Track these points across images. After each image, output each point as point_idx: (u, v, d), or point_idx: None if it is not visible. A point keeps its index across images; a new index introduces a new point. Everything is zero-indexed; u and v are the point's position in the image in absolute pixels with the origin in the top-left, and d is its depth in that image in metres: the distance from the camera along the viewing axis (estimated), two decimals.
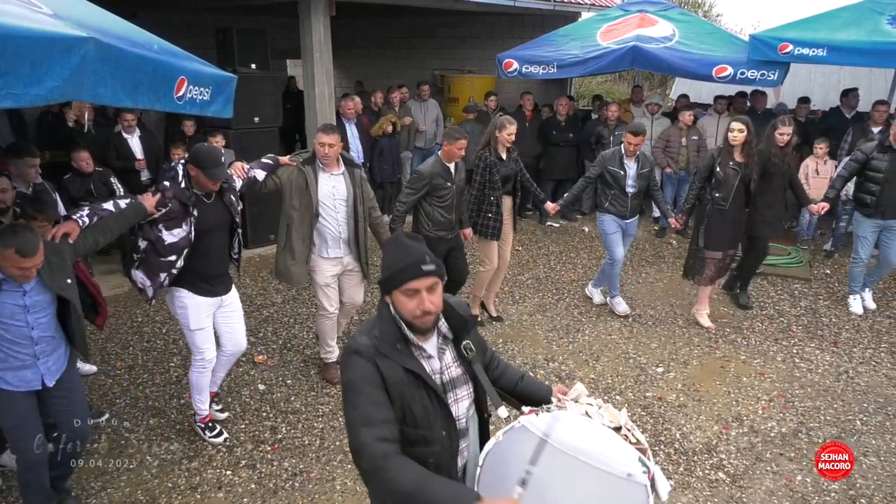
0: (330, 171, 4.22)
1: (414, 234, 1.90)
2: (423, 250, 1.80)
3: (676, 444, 3.95)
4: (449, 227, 4.91)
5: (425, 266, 1.77)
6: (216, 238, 3.65)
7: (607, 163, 5.43)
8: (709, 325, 5.55)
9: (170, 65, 3.16)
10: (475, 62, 11.22)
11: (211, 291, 3.68)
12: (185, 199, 3.44)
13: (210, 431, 3.92)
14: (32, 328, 2.87)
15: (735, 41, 7.83)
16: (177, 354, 5.00)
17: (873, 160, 5.49)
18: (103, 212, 3.25)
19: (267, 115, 7.18)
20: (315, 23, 7.11)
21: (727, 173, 5.24)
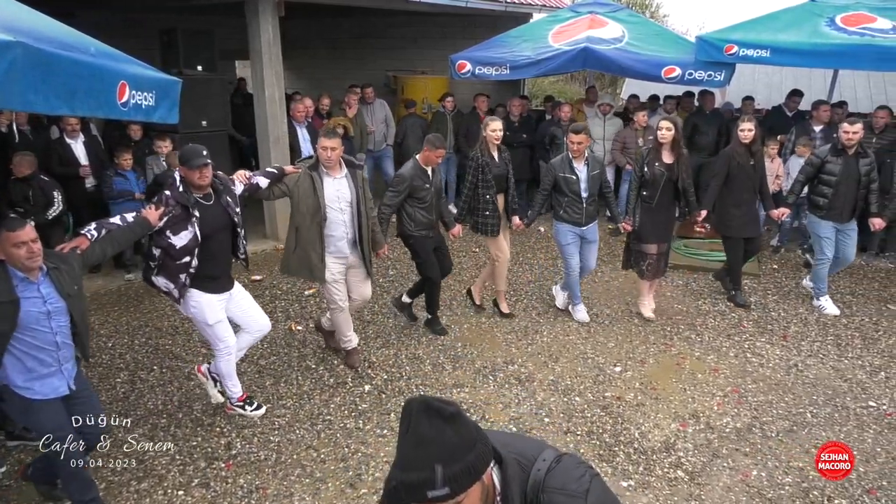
0: (333, 174, 4.37)
1: (442, 408, 1.25)
2: (438, 454, 1.22)
3: (636, 443, 3.98)
4: (430, 226, 5.11)
5: (434, 492, 1.22)
6: (219, 239, 3.83)
7: (557, 170, 5.37)
8: (649, 316, 5.68)
9: (109, 69, 3.03)
10: (428, 63, 11.17)
11: (218, 288, 3.87)
12: (185, 202, 3.61)
13: (250, 406, 4.13)
14: (56, 333, 2.98)
15: (682, 42, 8.00)
16: (123, 370, 4.80)
17: (827, 164, 5.63)
18: (111, 225, 3.41)
19: (215, 119, 6.99)
20: (263, 23, 6.96)
21: (654, 173, 5.36)
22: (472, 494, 1.26)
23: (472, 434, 1.26)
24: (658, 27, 9.08)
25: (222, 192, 3.83)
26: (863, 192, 5.61)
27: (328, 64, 12.66)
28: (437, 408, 1.24)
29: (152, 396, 4.45)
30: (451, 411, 1.25)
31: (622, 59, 7.53)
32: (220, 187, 3.82)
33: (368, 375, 4.76)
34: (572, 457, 1.43)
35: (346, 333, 4.80)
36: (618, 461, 3.81)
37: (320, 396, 4.48)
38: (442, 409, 1.24)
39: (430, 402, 1.25)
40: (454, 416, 1.25)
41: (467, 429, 1.26)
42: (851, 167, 5.55)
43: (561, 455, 1.41)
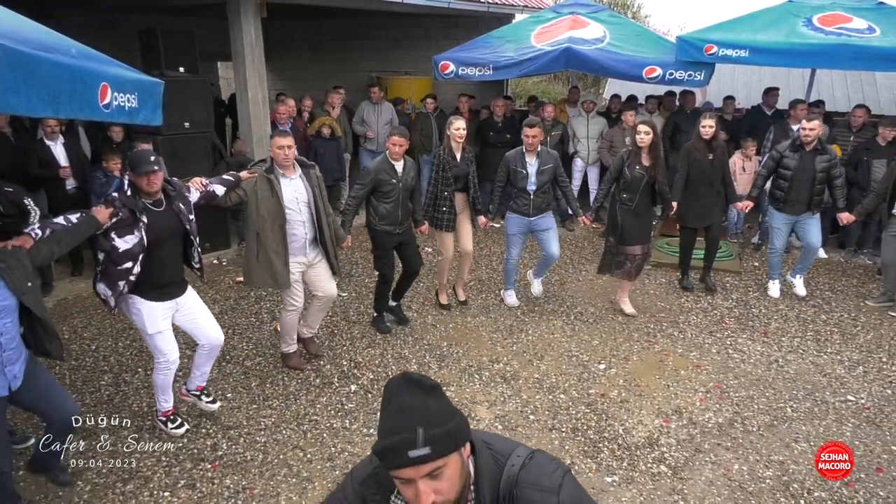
0: (289, 175, 4.36)
1: (422, 381, 1.32)
2: (419, 419, 1.27)
3: (619, 439, 4.03)
4: (395, 222, 5.11)
5: (414, 452, 1.25)
6: (168, 246, 3.70)
7: (510, 163, 5.53)
8: (631, 312, 5.80)
9: (90, 70, 3.01)
10: (411, 63, 11.18)
11: (163, 296, 3.73)
12: (133, 206, 3.52)
13: (171, 423, 4.00)
14: (0, 334, 2.91)
15: (663, 43, 8.08)
16: (107, 372, 4.78)
17: (785, 158, 5.89)
18: (55, 225, 3.33)
19: (197, 120, 6.93)
20: (245, 25, 6.94)
21: (634, 176, 5.46)
22: (452, 465, 1.29)
23: (450, 407, 1.32)
24: (639, 28, 9.16)
25: (175, 198, 3.73)
26: (819, 187, 5.82)
27: (312, 65, 12.63)
28: (416, 380, 1.31)
29: (137, 398, 4.43)
30: (430, 384, 1.32)
31: (604, 60, 7.59)
32: (173, 193, 3.73)
33: (355, 375, 4.77)
34: (545, 454, 1.46)
35: (292, 335, 4.80)
36: (602, 457, 3.85)
37: (306, 397, 4.48)
38: (422, 382, 1.31)
39: (410, 376, 1.32)
40: (434, 388, 1.31)
41: (446, 401, 1.32)
42: (807, 163, 5.78)
43: (534, 452, 1.44)
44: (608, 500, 3.48)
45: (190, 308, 3.87)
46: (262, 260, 4.33)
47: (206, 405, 4.17)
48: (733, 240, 7.84)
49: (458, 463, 1.32)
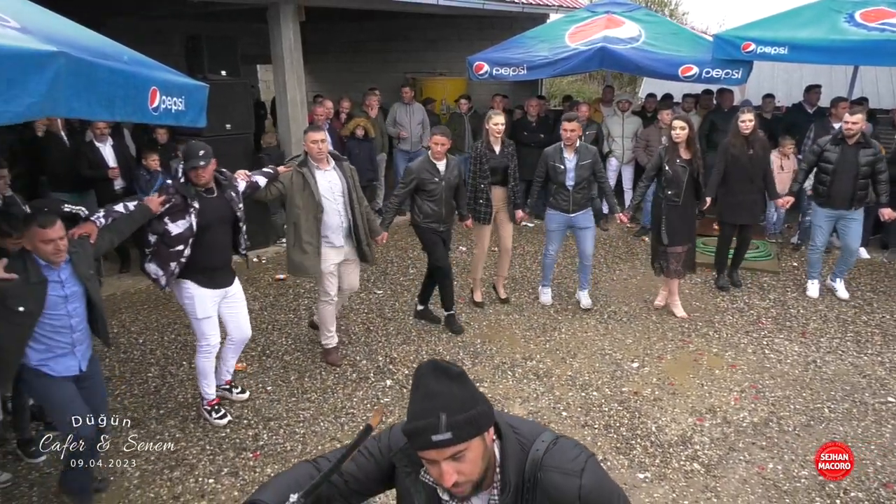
0: (323, 167, 4.56)
1: (448, 369, 1.41)
2: (443, 405, 1.35)
3: (652, 437, 4.05)
4: (439, 219, 5.23)
5: (437, 436, 1.34)
6: (218, 232, 3.95)
7: (549, 158, 5.56)
8: (682, 315, 5.74)
9: (141, 76, 3.16)
10: (446, 64, 11.28)
11: (214, 283, 3.98)
12: (185, 193, 3.77)
13: (216, 413, 4.19)
14: (71, 317, 3.17)
15: (699, 41, 8.01)
16: (154, 364, 4.98)
17: (826, 152, 5.78)
18: (115, 213, 3.57)
19: (239, 122, 7.15)
20: (285, 28, 7.12)
21: (676, 170, 5.42)
22: (474, 448, 1.38)
23: (475, 394, 1.40)
24: (675, 26, 9.09)
25: (226, 186, 4.01)
26: (862, 181, 5.70)
27: (349, 67, 12.83)
28: (444, 368, 1.40)
29: (182, 390, 4.61)
30: (456, 371, 1.41)
31: (639, 59, 7.56)
32: (224, 182, 4.01)
33: (390, 370, 4.87)
34: (569, 439, 1.53)
35: (329, 328, 4.94)
36: (634, 454, 3.88)
37: (343, 391, 4.60)
38: (448, 369, 1.40)
39: (438, 364, 1.41)
40: (459, 375, 1.40)
41: (471, 388, 1.40)
42: (850, 157, 5.67)
43: (558, 437, 1.51)
44: (640, 496, 3.52)
45: (234, 301, 4.14)
46: (298, 249, 4.56)
47: (236, 396, 4.43)
48: (772, 240, 7.73)
49: (481, 447, 1.40)
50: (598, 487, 1.45)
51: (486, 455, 1.43)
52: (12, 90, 2.19)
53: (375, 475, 1.64)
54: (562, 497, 1.43)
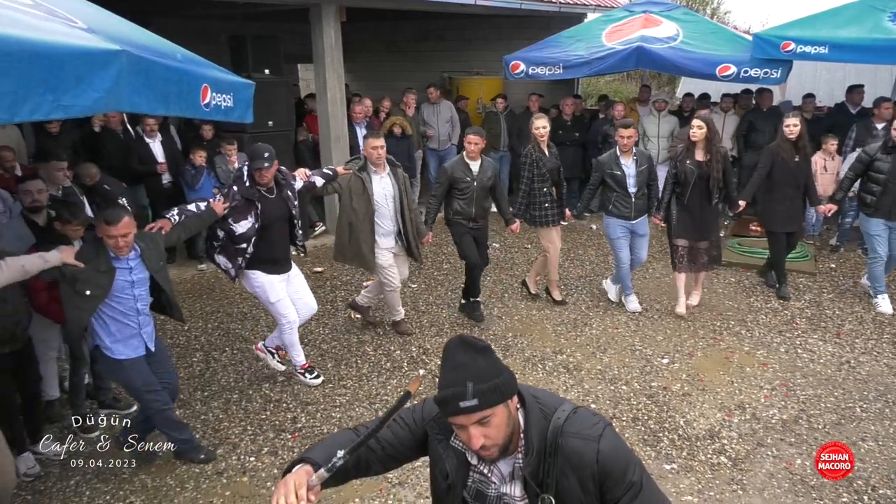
0: (380, 173, 4.86)
1: (475, 342, 1.55)
2: (469, 374, 1.48)
3: (680, 430, 4.10)
4: (469, 217, 5.36)
5: (465, 402, 1.47)
6: (278, 228, 4.28)
7: (605, 167, 5.58)
8: (680, 312, 5.73)
9: (193, 73, 3.34)
10: (482, 64, 11.37)
11: (277, 269, 4.34)
12: (249, 196, 4.09)
13: (310, 374, 4.62)
14: (137, 300, 3.45)
15: (738, 40, 7.96)
16: (199, 350, 5.21)
17: (876, 161, 5.60)
18: (188, 212, 3.90)
19: (281, 120, 7.39)
20: (326, 28, 7.31)
21: (686, 171, 5.42)
22: (499, 415, 1.51)
23: (499, 366, 1.54)
24: (714, 25, 9.03)
25: (284, 186, 4.28)
26: None
27: (387, 66, 13.01)
28: (471, 342, 1.55)
29: (225, 374, 4.83)
30: (482, 345, 1.55)
31: (676, 58, 7.56)
32: (283, 182, 4.27)
33: (423, 360, 5.01)
34: (588, 409, 1.65)
35: (396, 308, 5.37)
36: (662, 446, 3.94)
37: (378, 379, 4.76)
38: (475, 343, 1.55)
39: (465, 338, 1.56)
40: (485, 348, 1.54)
41: (495, 361, 1.54)
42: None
43: (578, 407, 1.63)
44: (666, 486, 3.58)
45: (297, 283, 4.54)
46: (353, 245, 4.89)
47: (275, 363, 4.69)
48: (809, 241, 7.65)
49: (505, 413, 1.53)
50: (614, 452, 1.56)
51: (510, 421, 1.55)
52: (80, 86, 2.37)
53: (410, 443, 1.78)
54: (581, 461, 1.54)
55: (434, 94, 9.08)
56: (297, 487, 1.55)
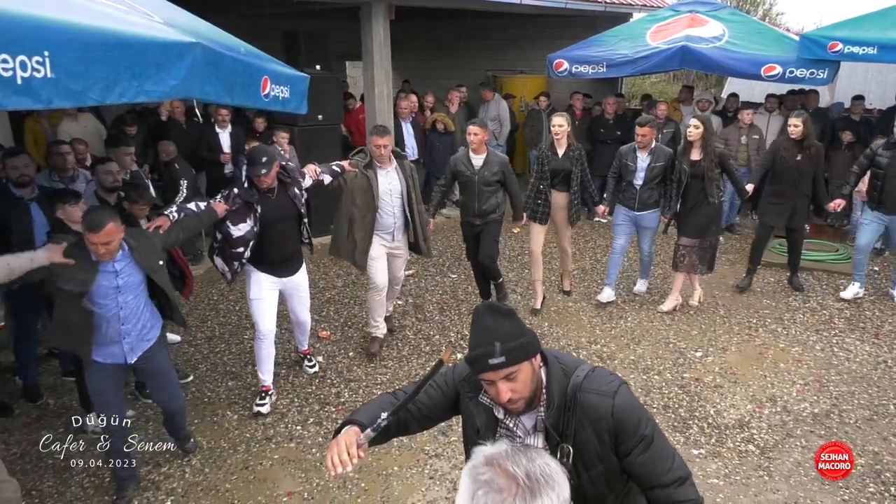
0: (385, 167, 4.73)
1: (500, 308, 1.72)
2: (497, 336, 1.64)
3: (710, 419, 4.20)
4: (472, 213, 5.33)
5: (493, 360, 1.62)
6: (281, 228, 4.13)
7: (623, 156, 5.73)
8: (667, 309, 5.82)
9: (255, 66, 3.60)
10: (527, 62, 11.49)
11: (274, 271, 4.19)
12: (248, 198, 3.96)
13: (259, 399, 4.32)
14: (121, 308, 3.21)
15: (785, 40, 7.92)
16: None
17: (878, 156, 5.71)
18: (188, 210, 3.74)
19: (330, 114, 7.69)
20: (375, 26, 7.55)
21: (680, 171, 5.52)
22: (524, 371, 1.67)
23: (524, 328, 1.71)
24: (761, 25, 8.98)
25: (290, 184, 4.17)
26: None
27: (431, 64, 13.24)
28: (497, 307, 1.72)
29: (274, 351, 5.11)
30: (507, 309, 1.72)
31: (721, 58, 7.57)
32: (287, 180, 4.17)
33: (461, 346, 5.21)
34: (605, 370, 1.82)
35: (375, 318, 5.03)
36: (691, 433, 4.05)
37: (417, 360, 4.98)
38: (501, 308, 1.72)
39: (492, 304, 1.74)
40: (510, 312, 1.71)
41: (520, 323, 1.71)
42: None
43: (595, 367, 1.81)
44: (693, 470, 3.64)
45: (295, 289, 4.40)
46: (350, 240, 4.75)
47: (305, 366, 4.78)
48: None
49: (530, 370, 1.70)
50: (627, 407, 1.73)
51: (534, 378, 1.73)
52: (160, 73, 2.64)
53: (443, 403, 1.97)
54: (597, 414, 1.72)
55: (488, 95, 9.25)
56: (347, 446, 1.76)
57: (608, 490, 1.83)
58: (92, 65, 2.26)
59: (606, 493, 1.83)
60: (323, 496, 3.51)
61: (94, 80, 2.29)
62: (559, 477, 1.11)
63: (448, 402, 1.96)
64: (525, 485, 1.07)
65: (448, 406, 1.98)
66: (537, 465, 1.11)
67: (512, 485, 1.07)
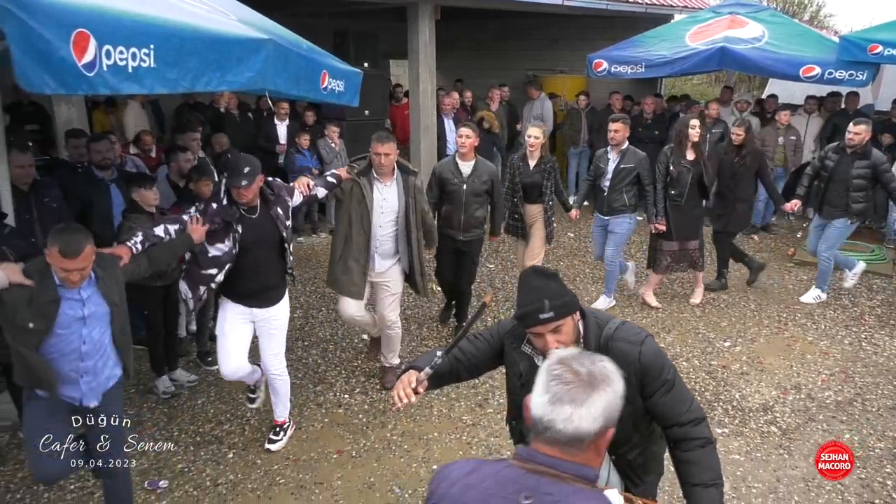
0: (384, 181, 4.11)
1: (545, 270, 1.99)
2: (544, 294, 1.89)
3: (734, 402, 4.40)
4: (456, 226, 4.87)
5: (543, 315, 1.88)
6: (259, 254, 3.53)
7: (597, 159, 5.63)
8: (656, 305, 5.93)
9: (316, 61, 3.94)
10: (567, 62, 11.69)
11: (249, 303, 3.60)
12: (228, 218, 3.42)
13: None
14: (84, 342, 2.79)
15: (826, 42, 7.98)
16: (299, 308, 5.89)
17: (826, 160, 5.79)
18: (155, 238, 3.23)
19: (376, 109, 8.06)
20: (422, 26, 7.88)
21: (680, 171, 5.56)
22: (568, 324, 1.97)
23: (565, 287, 2.00)
24: (802, 27, 9.02)
25: (273, 202, 3.57)
26: (857, 194, 5.60)
27: (473, 63, 13.52)
28: (542, 270, 2.03)
29: (322, 329, 5.48)
30: (552, 272, 2.02)
31: (759, 59, 7.67)
32: (272, 197, 3.57)
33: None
34: (633, 323, 2.11)
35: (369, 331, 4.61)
36: (715, 414, 4.26)
37: None
38: (545, 270, 2.03)
39: (537, 268, 2.07)
40: (554, 274, 2.00)
41: (562, 283, 2.00)
42: (844, 166, 5.64)
43: (625, 321, 2.10)
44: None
45: (268, 325, 3.69)
46: (342, 263, 4.14)
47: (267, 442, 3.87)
48: (889, 245, 7.62)
49: (571, 323, 1.99)
50: (652, 354, 2.00)
51: (574, 330, 2.02)
52: (240, 66, 2.98)
53: (490, 354, 2.28)
54: (626, 360, 1.99)
55: (534, 93, 9.54)
56: (409, 384, 2.10)
57: (634, 430, 2.10)
58: (186, 57, 2.60)
59: (632, 432, 2.11)
60: (369, 455, 3.83)
61: (186, 71, 2.64)
62: (615, 377, 1.39)
63: (493, 352, 2.27)
64: (586, 379, 1.35)
65: (494, 356, 2.28)
66: (597, 366, 1.39)
67: (576, 378, 1.34)
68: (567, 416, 1.31)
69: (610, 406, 1.35)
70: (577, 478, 1.32)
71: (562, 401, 1.32)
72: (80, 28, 2.08)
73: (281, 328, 3.75)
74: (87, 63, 2.12)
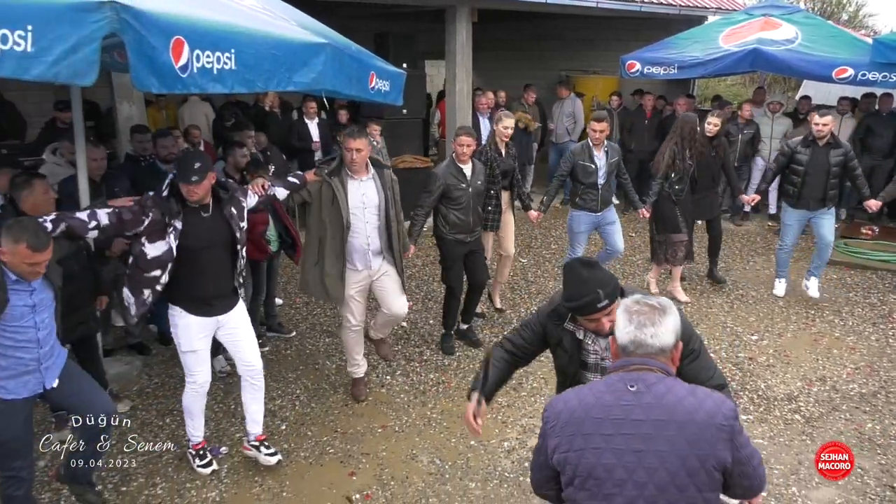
0: (359, 177, 4.06)
1: (588, 261, 2.24)
2: (596, 284, 2.19)
3: (760, 391, 4.57)
4: (466, 229, 4.87)
5: (601, 303, 2.19)
6: (213, 255, 3.41)
7: (577, 157, 5.51)
8: (685, 300, 6.08)
9: (365, 62, 4.22)
10: (600, 63, 11.85)
11: (206, 311, 3.44)
12: (164, 210, 3.23)
13: (200, 460, 3.68)
14: (38, 329, 2.80)
15: (859, 44, 8.02)
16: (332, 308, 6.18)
17: (797, 154, 5.83)
18: (72, 220, 3.08)
19: (414, 108, 8.36)
20: (459, 27, 8.14)
21: (686, 167, 5.81)
22: (616, 305, 2.20)
23: (610, 273, 2.30)
24: (836, 29, 9.06)
25: (226, 202, 3.45)
26: (834, 181, 5.71)
27: (507, 63, 13.73)
28: (587, 261, 2.34)
29: None
30: (594, 262, 2.34)
31: (792, 60, 7.76)
32: (225, 197, 3.46)
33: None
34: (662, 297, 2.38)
35: (353, 357, 4.39)
36: (740, 402, 4.44)
37: (490, 331, 5.54)
38: (590, 261, 2.34)
39: (581, 258, 2.39)
40: (597, 263, 2.34)
41: (606, 271, 2.30)
42: (821, 158, 5.70)
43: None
44: None
45: (234, 328, 3.56)
46: (318, 268, 4.06)
47: (265, 458, 3.66)
48: None
49: (617, 304, 2.23)
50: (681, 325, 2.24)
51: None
52: (304, 68, 3.27)
53: (539, 338, 2.59)
54: None
55: (563, 92, 9.76)
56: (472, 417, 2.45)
57: None
58: (262, 60, 2.90)
59: None
60: (411, 430, 4.11)
61: (260, 72, 2.94)
62: (673, 308, 1.86)
63: (541, 337, 2.57)
64: (658, 308, 1.82)
65: (542, 338, 2.58)
66: (660, 299, 1.87)
67: (651, 309, 1.82)
68: (653, 333, 1.79)
69: (677, 324, 1.83)
70: (665, 372, 1.79)
71: (645, 325, 1.80)
72: (177, 35, 2.39)
73: (248, 330, 3.63)
74: (182, 66, 2.43)
